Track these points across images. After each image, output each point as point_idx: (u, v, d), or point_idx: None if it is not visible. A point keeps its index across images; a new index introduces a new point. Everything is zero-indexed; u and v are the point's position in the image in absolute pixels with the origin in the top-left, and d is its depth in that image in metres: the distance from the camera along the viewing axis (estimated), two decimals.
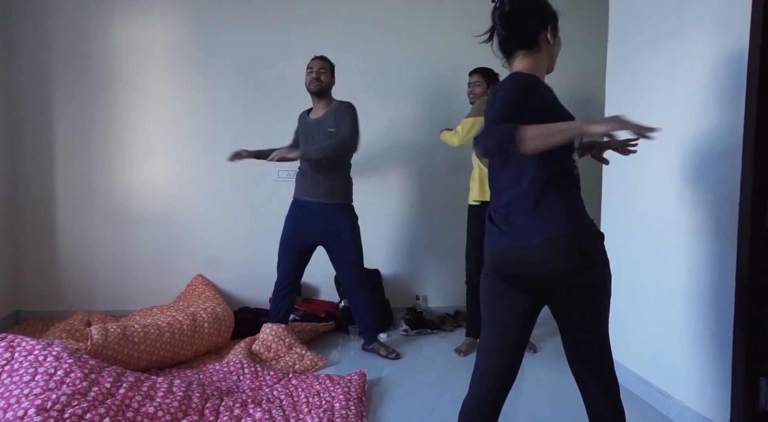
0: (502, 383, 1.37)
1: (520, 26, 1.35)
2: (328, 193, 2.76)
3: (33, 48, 3.30)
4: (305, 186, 2.81)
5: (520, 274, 1.31)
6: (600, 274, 1.30)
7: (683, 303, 2.10)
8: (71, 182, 3.39)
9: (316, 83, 2.77)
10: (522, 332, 1.36)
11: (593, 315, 1.32)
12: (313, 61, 2.82)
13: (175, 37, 3.43)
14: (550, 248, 1.25)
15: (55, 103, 3.35)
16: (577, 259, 1.26)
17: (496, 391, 1.38)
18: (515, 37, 1.36)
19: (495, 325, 1.37)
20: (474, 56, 3.28)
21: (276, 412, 2.05)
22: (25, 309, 3.36)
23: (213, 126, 3.47)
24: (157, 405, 1.87)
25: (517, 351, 1.36)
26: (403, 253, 3.66)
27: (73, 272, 3.39)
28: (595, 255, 1.29)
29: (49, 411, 1.61)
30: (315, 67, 2.78)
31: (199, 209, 3.49)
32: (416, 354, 2.94)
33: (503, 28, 1.36)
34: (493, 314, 1.38)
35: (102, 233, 3.41)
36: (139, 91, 3.41)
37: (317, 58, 2.83)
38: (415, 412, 2.20)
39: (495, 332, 1.37)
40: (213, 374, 2.41)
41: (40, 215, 3.36)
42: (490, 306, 1.39)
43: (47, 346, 1.87)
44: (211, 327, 2.80)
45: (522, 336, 1.36)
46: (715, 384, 1.94)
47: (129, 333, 2.44)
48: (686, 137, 2.09)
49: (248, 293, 3.51)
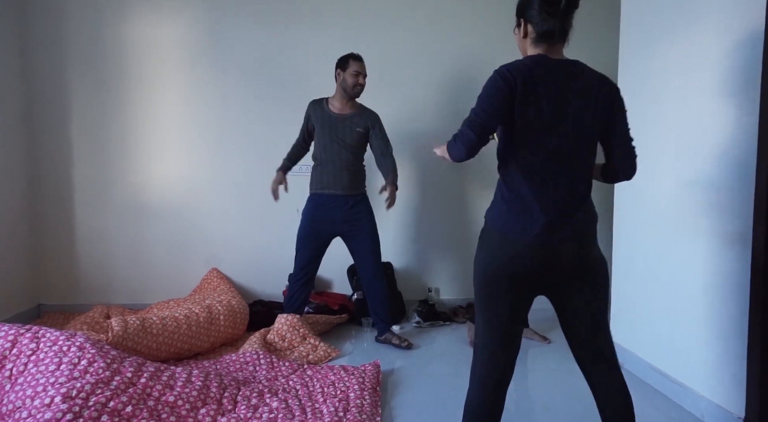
0: (509, 373, 1.43)
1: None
2: (349, 185, 2.81)
3: (49, 48, 3.36)
4: (323, 181, 2.83)
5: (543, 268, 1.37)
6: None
7: (697, 293, 2.10)
8: (88, 178, 3.45)
9: (360, 89, 2.80)
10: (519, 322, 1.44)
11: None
12: (357, 63, 2.77)
13: (187, 33, 3.47)
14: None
15: (72, 101, 3.41)
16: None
17: (504, 382, 1.42)
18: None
19: (502, 320, 1.40)
20: (485, 45, 3.30)
21: (292, 401, 2.09)
22: (46, 303, 3.44)
23: (226, 121, 3.51)
24: (176, 394, 1.92)
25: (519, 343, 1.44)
26: (415, 246, 3.68)
27: (92, 266, 3.47)
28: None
29: (75, 399, 1.66)
30: (362, 71, 2.78)
31: (213, 203, 3.53)
32: (429, 345, 2.97)
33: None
34: (499, 310, 1.40)
35: (119, 227, 3.48)
36: (153, 87, 3.46)
37: (360, 61, 2.79)
38: (429, 402, 2.22)
39: (502, 326, 1.40)
40: (230, 364, 2.46)
41: (59, 211, 3.43)
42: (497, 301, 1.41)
43: (71, 337, 1.93)
44: (227, 320, 2.85)
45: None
46: (730, 373, 1.93)
47: (148, 324, 2.49)
48: (699, 126, 2.08)
49: (262, 286, 3.55)
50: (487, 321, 1.40)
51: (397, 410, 2.15)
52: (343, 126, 2.80)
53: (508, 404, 1.47)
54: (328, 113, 2.84)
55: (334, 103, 2.86)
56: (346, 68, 2.78)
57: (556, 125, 1.32)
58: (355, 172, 2.85)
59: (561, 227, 1.34)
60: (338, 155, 2.79)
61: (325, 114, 2.84)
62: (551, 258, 1.34)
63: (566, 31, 1.36)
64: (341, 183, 2.80)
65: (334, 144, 2.80)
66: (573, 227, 1.35)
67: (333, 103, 2.86)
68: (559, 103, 1.32)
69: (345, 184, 2.80)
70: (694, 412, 2.10)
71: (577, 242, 1.36)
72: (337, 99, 2.85)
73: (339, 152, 2.80)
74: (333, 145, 2.80)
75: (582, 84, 1.34)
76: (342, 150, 2.80)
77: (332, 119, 2.82)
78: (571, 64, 1.37)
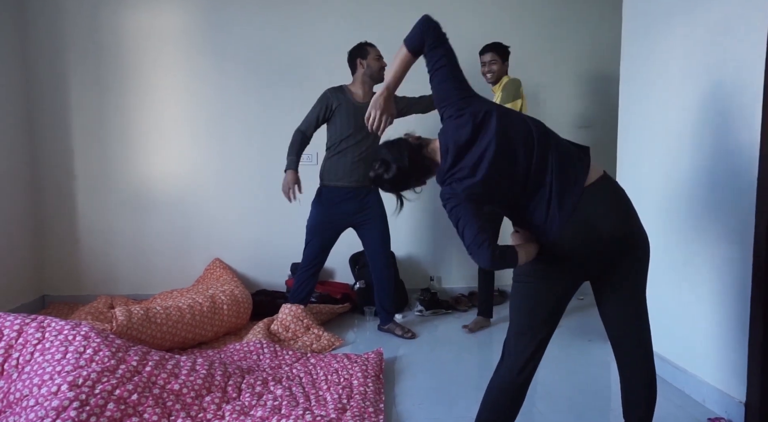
0: (539, 355, 1.45)
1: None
2: (363, 176, 2.77)
3: (48, 39, 3.34)
4: (340, 172, 2.78)
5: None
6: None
7: (700, 280, 2.10)
8: (89, 170, 3.45)
9: (383, 72, 2.75)
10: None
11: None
12: (376, 49, 2.80)
13: (187, 23, 3.44)
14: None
15: (72, 92, 3.40)
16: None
17: (534, 363, 1.44)
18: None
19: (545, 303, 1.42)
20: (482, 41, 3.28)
21: (296, 389, 2.10)
22: (50, 294, 3.46)
23: (227, 111, 3.50)
24: (181, 383, 1.93)
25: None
26: (417, 234, 3.69)
27: (95, 257, 3.48)
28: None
29: (81, 387, 1.67)
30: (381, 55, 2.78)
31: (214, 193, 3.54)
32: (431, 333, 2.98)
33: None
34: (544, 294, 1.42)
35: (121, 219, 3.49)
36: (153, 78, 3.45)
37: (375, 46, 2.81)
38: (432, 389, 2.24)
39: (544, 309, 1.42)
40: (234, 353, 2.48)
41: (61, 203, 3.44)
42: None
43: (76, 326, 1.94)
44: (230, 309, 2.86)
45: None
46: (731, 359, 1.94)
47: (152, 314, 2.51)
48: (702, 109, 2.06)
49: (265, 276, 3.57)
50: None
51: (400, 397, 2.17)
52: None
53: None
54: (352, 101, 2.77)
55: (357, 92, 2.80)
56: (367, 55, 2.77)
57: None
58: (366, 163, 2.79)
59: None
60: (357, 145, 2.75)
61: (349, 103, 2.77)
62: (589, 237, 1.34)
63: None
64: (356, 175, 2.77)
65: (357, 133, 2.75)
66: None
67: (355, 92, 2.80)
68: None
69: (359, 175, 2.76)
70: (696, 397, 2.11)
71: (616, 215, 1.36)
72: (359, 87, 2.80)
73: (359, 142, 2.75)
74: (356, 134, 2.75)
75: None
76: (363, 140, 2.76)
77: (356, 107, 2.74)
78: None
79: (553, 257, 1.36)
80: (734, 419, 1.91)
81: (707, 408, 2.04)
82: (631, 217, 1.38)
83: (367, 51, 2.79)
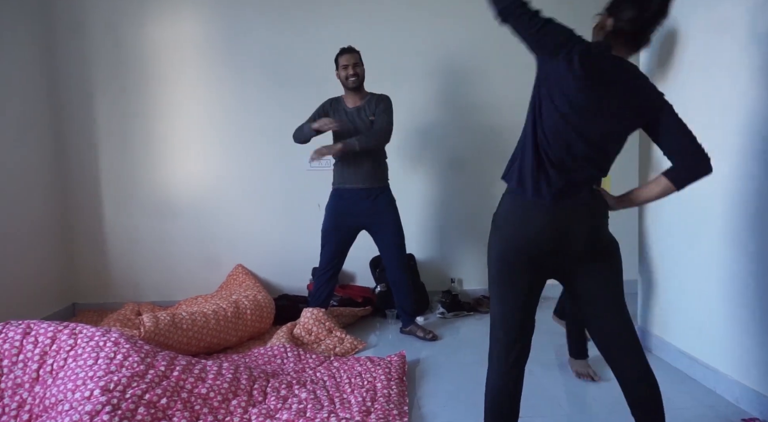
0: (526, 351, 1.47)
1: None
2: (368, 177, 2.81)
3: (74, 53, 3.45)
4: (345, 175, 2.84)
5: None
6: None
7: (727, 276, 2.05)
8: (115, 180, 3.54)
9: (354, 79, 2.79)
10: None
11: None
12: (344, 57, 2.80)
13: (205, 34, 3.52)
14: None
15: (96, 104, 3.50)
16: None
17: (523, 364, 1.47)
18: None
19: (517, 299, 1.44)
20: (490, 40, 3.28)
21: (320, 392, 2.12)
22: (80, 301, 3.56)
23: (245, 118, 3.56)
24: (208, 387, 1.97)
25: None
26: (437, 237, 3.68)
27: (122, 265, 3.57)
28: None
29: (113, 391, 1.72)
30: (349, 63, 2.78)
31: (235, 200, 3.59)
32: (453, 335, 2.97)
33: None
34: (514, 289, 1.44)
35: (146, 227, 3.57)
36: (174, 87, 3.53)
37: (347, 53, 2.81)
38: (455, 391, 2.23)
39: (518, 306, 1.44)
40: (258, 357, 2.51)
41: (89, 213, 3.54)
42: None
43: (106, 333, 1.99)
44: (254, 314, 2.90)
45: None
46: (764, 356, 1.89)
47: (178, 320, 2.56)
48: (725, 104, 2.02)
49: (287, 281, 3.60)
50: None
51: (424, 399, 2.17)
52: (357, 119, 2.81)
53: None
54: (344, 108, 2.87)
55: (347, 99, 2.89)
56: (338, 64, 2.83)
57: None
58: (376, 164, 2.84)
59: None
60: (355, 151, 2.77)
61: (341, 110, 2.87)
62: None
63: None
64: (362, 176, 2.81)
65: (350, 138, 2.80)
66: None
67: (346, 99, 2.89)
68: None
69: (365, 177, 2.81)
70: (728, 397, 2.06)
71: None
72: (347, 94, 2.89)
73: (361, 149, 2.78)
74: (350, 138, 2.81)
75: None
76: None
77: (348, 113, 2.84)
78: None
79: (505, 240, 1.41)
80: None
81: (740, 409, 1.99)
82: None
83: (338, 60, 2.84)
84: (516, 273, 1.39)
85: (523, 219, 1.38)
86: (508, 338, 1.43)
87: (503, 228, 1.42)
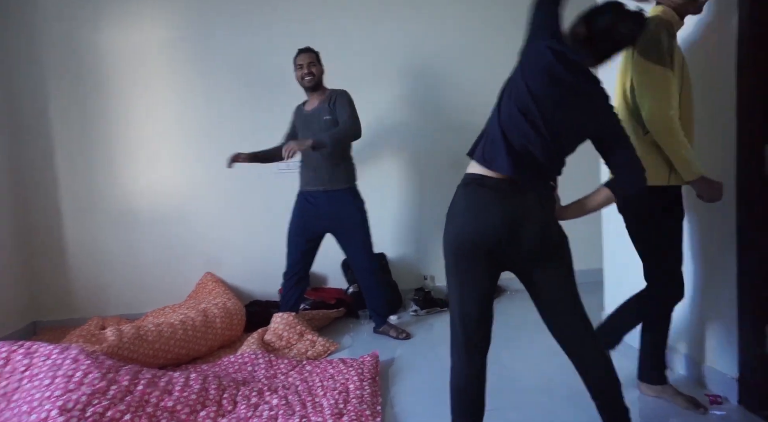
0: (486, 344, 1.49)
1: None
2: (331, 179, 2.78)
3: (28, 59, 3.32)
4: (307, 177, 2.83)
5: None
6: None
7: (686, 259, 2.11)
8: (75, 190, 3.42)
9: (310, 78, 2.77)
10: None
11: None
12: (299, 57, 2.80)
13: (168, 37, 3.43)
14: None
15: (53, 112, 3.36)
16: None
17: (484, 354, 1.48)
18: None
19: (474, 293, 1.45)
20: (462, 39, 3.31)
21: (292, 397, 2.09)
22: (42, 319, 3.42)
23: (213, 124, 3.49)
24: (175, 399, 1.91)
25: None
26: (408, 234, 3.68)
27: (85, 279, 3.45)
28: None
29: (71, 411, 1.65)
30: (304, 62, 2.77)
31: (203, 207, 3.52)
32: (427, 332, 2.98)
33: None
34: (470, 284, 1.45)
35: (109, 238, 3.46)
36: (136, 93, 3.43)
37: (303, 53, 2.81)
38: (429, 388, 2.23)
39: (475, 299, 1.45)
40: (228, 366, 2.46)
41: (48, 226, 3.40)
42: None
43: (64, 350, 1.92)
44: (223, 322, 2.84)
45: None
46: (720, 337, 1.95)
47: (143, 332, 2.48)
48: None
49: (258, 286, 3.55)
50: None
51: (397, 397, 2.16)
52: (313, 122, 2.80)
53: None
54: (303, 112, 2.87)
55: (308, 102, 2.89)
56: (295, 65, 2.83)
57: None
58: (336, 166, 2.79)
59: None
60: (315, 152, 2.75)
61: (300, 114, 2.88)
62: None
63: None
64: (321, 179, 2.78)
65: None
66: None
67: (307, 103, 2.89)
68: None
69: (325, 179, 2.78)
70: (689, 376, 2.12)
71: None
72: (308, 96, 2.89)
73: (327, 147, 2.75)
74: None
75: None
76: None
77: (305, 117, 2.84)
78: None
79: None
80: (729, 396, 1.92)
81: (704, 387, 2.05)
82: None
83: (294, 61, 2.83)
84: (470, 263, 1.40)
85: (476, 210, 1.38)
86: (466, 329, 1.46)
87: (456, 218, 1.43)
